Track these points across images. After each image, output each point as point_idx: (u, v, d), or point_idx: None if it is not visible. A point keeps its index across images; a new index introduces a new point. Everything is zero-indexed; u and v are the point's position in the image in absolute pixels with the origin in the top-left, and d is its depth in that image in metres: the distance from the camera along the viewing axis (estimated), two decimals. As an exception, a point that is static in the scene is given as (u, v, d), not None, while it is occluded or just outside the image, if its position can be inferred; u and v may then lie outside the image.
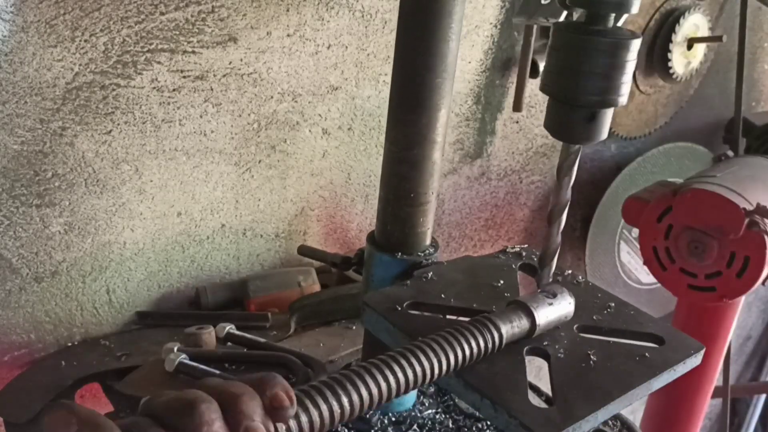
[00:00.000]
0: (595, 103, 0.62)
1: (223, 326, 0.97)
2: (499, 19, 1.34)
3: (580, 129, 0.64)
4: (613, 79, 0.61)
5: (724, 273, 1.24)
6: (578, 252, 1.82)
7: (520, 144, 1.54)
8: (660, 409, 1.55)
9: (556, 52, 0.63)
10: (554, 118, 0.65)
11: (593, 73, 0.61)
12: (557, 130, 0.66)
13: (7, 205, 0.94)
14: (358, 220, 1.34)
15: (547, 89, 0.64)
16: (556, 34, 0.63)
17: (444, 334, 0.62)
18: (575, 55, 0.61)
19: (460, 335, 0.63)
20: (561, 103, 0.64)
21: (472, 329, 0.64)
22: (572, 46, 0.61)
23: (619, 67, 0.61)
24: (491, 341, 0.64)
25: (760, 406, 2.96)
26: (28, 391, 0.94)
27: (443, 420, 0.90)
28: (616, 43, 0.60)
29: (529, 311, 0.68)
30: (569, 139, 0.66)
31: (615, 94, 0.62)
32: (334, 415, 0.52)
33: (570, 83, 0.62)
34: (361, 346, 0.92)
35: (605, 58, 0.60)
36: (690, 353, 0.71)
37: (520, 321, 0.67)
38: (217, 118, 1.07)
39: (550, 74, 0.64)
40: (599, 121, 0.64)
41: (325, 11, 1.11)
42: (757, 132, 1.73)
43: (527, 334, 0.68)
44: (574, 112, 0.63)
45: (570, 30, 0.62)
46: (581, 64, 0.61)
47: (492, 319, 0.65)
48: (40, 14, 0.87)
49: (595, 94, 0.62)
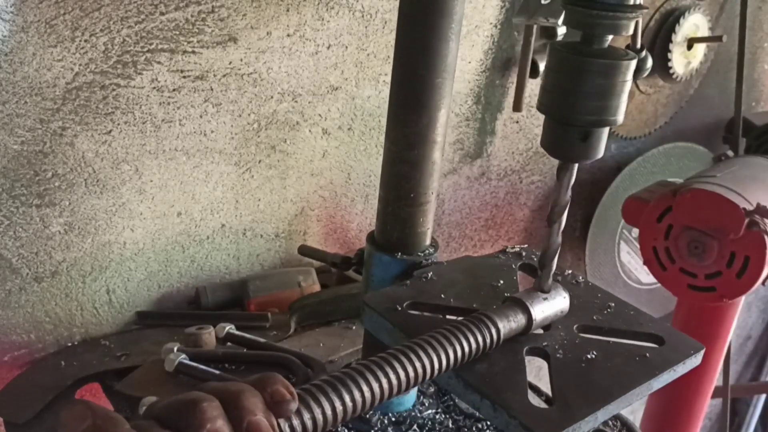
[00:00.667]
0: (590, 123, 0.63)
1: (223, 326, 0.97)
2: (499, 19, 1.34)
3: (576, 148, 0.65)
4: (608, 99, 0.62)
5: (724, 273, 1.24)
6: (578, 252, 1.82)
7: (520, 144, 1.54)
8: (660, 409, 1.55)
9: (551, 72, 0.63)
10: (550, 136, 0.66)
11: (588, 93, 0.61)
12: (553, 149, 0.66)
13: (7, 205, 0.94)
14: (358, 220, 1.34)
15: (543, 108, 0.65)
16: (551, 54, 0.63)
17: (442, 331, 0.63)
18: (569, 75, 0.62)
19: (458, 332, 0.63)
20: (556, 122, 0.65)
21: (470, 326, 0.64)
22: (566, 66, 0.62)
23: (614, 87, 0.61)
24: (489, 337, 0.65)
25: (760, 406, 2.96)
26: (28, 391, 0.94)
27: (443, 420, 0.90)
28: (610, 64, 0.60)
29: (525, 307, 0.69)
30: (565, 157, 0.67)
31: (610, 114, 0.62)
32: (336, 412, 0.52)
33: (565, 103, 0.63)
34: (361, 346, 0.92)
35: (599, 79, 0.61)
36: (690, 353, 0.71)
37: (516, 316, 0.68)
38: (217, 118, 1.07)
39: (545, 93, 0.64)
40: (594, 140, 0.64)
41: (325, 11, 1.11)
42: (757, 132, 1.73)
43: (524, 330, 0.69)
44: (569, 131, 0.64)
45: (564, 50, 0.62)
46: (576, 84, 0.61)
47: (489, 315, 0.66)
48: (40, 14, 0.87)
49: (589, 113, 0.62)
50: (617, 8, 0.59)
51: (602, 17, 0.59)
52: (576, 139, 0.64)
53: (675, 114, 1.82)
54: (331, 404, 0.52)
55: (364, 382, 0.55)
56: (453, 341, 0.62)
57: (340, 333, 1.08)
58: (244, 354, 0.95)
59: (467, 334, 0.63)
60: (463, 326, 0.64)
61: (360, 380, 0.54)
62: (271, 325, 1.08)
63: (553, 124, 0.65)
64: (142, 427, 0.42)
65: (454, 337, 0.62)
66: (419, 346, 0.60)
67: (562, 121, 0.64)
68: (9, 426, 0.88)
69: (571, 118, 0.63)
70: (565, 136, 0.64)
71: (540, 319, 0.69)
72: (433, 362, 0.60)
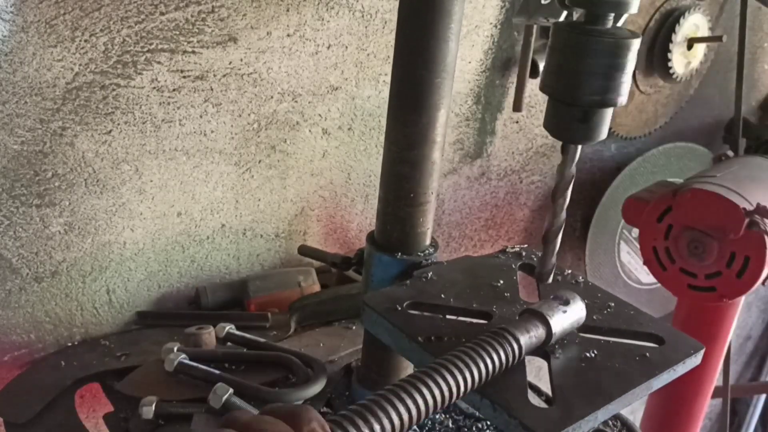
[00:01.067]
0: (593, 103, 0.62)
1: (223, 326, 0.97)
2: (499, 19, 1.34)
3: (578, 128, 0.64)
4: (612, 79, 0.61)
5: (724, 273, 1.24)
6: (578, 252, 1.82)
7: (520, 144, 1.54)
8: (660, 409, 1.55)
9: (554, 52, 0.63)
10: (553, 117, 0.65)
11: (591, 73, 0.61)
12: (556, 130, 0.66)
13: (7, 205, 0.94)
14: (358, 220, 1.34)
15: (546, 89, 0.64)
16: (554, 34, 0.63)
17: (467, 351, 0.62)
18: (573, 54, 0.61)
19: (483, 351, 0.62)
20: (559, 102, 0.64)
21: (494, 344, 0.63)
22: (570, 45, 0.61)
23: (618, 66, 0.61)
24: (512, 354, 0.64)
25: (760, 406, 2.96)
26: (28, 391, 0.94)
27: (443, 420, 0.90)
28: (614, 43, 0.60)
29: (544, 320, 0.67)
30: (568, 138, 0.66)
31: (613, 94, 0.62)
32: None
33: (568, 83, 0.62)
34: (361, 346, 0.92)
35: (603, 58, 0.60)
36: (690, 353, 0.71)
37: (537, 330, 0.67)
38: (217, 118, 1.07)
39: (548, 74, 0.64)
40: (597, 120, 0.64)
41: (325, 11, 1.11)
42: (757, 132, 1.73)
43: (543, 343, 0.68)
44: (572, 111, 0.63)
45: (568, 29, 0.62)
46: (579, 64, 0.61)
47: (511, 332, 0.65)
48: (40, 14, 0.87)
49: (593, 93, 0.61)
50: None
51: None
52: (579, 119, 0.63)
53: (675, 114, 1.82)
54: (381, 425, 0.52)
55: (394, 410, 0.54)
56: (479, 362, 0.61)
57: (340, 333, 1.08)
58: (244, 354, 0.95)
59: (492, 354, 0.62)
60: (487, 345, 0.63)
61: (390, 409, 0.54)
62: (271, 325, 1.08)
63: (556, 105, 0.65)
64: None
65: (479, 358, 0.61)
66: (446, 369, 0.59)
67: (565, 101, 0.63)
68: (9, 426, 0.88)
69: (576, 98, 0.62)
70: (569, 116, 0.64)
71: (559, 333, 0.69)
72: (459, 385, 0.59)
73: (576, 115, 0.63)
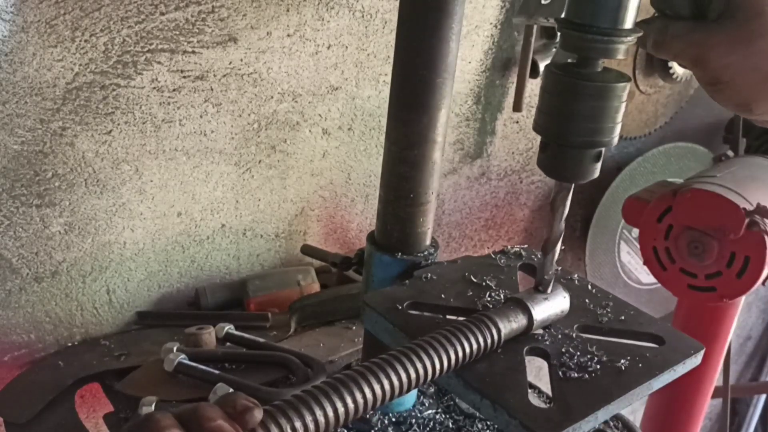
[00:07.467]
0: (584, 144, 0.63)
1: (222, 326, 0.97)
2: (499, 19, 1.34)
3: (572, 168, 0.65)
4: (602, 122, 0.62)
5: (724, 273, 1.23)
6: (578, 252, 1.82)
7: (520, 144, 1.54)
8: (660, 409, 1.55)
9: (544, 93, 0.64)
10: (545, 157, 0.66)
11: (581, 115, 0.61)
12: (549, 169, 0.67)
13: (7, 205, 0.94)
14: (358, 220, 1.34)
15: (538, 129, 0.65)
16: (546, 76, 0.64)
17: (443, 332, 0.62)
18: (563, 96, 0.62)
19: (460, 333, 0.63)
20: (551, 143, 0.65)
21: (471, 327, 0.64)
22: (560, 87, 0.62)
23: (607, 110, 0.61)
24: (490, 339, 0.65)
25: (760, 406, 2.96)
26: (28, 391, 0.94)
27: (443, 420, 0.90)
28: (603, 87, 0.61)
29: (525, 307, 0.69)
30: (561, 177, 0.67)
31: (604, 136, 0.63)
32: (328, 418, 0.51)
33: (559, 124, 0.63)
34: (361, 346, 0.92)
35: (593, 102, 0.61)
36: (690, 353, 0.71)
37: (517, 317, 0.68)
38: (217, 118, 1.07)
39: (540, 114, 0.64)
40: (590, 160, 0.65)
41: (325, 11, 1.11)
42: (757, 132, 1.73)
43: (525, 330, 0.69)
44: (564, 152, 0.64)
45: (558, 72, 0.62)
46: (569, 106, 0.62)
47: (490, 317, 0.66)
48: (40, 14, 0.87)
49: (582, 135, 0.62)
50: (612, 32, 0.59)
51: (596, 41, 0.60)
52: (572, 159, 0.64)
53: (675, 114, 1.82)
54: (333, 406, 0.51)
55: (365, 383, 0.54)
56: (454, 343, 0.62)
57: (340, 333, 1.08)
58: (243, 354, 0.95)
59: (468, 335, 0.63)
60: (464, 327, 0.64)
61: (361, 382, 0.54)
62: (271, 325, 1.08)
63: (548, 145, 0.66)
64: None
65: (455, 338, 0.62)
66: (420, 348, 0.60)
67: (556, 142, 0.64)
68: (9, 426, 0.88)
69: (567, 140, 0.63)
70: (562, 156, 0.65)
71: (540, 320, 0.69)
72: (434, 364, 0.60)
73: (569, 155, 0.64)
